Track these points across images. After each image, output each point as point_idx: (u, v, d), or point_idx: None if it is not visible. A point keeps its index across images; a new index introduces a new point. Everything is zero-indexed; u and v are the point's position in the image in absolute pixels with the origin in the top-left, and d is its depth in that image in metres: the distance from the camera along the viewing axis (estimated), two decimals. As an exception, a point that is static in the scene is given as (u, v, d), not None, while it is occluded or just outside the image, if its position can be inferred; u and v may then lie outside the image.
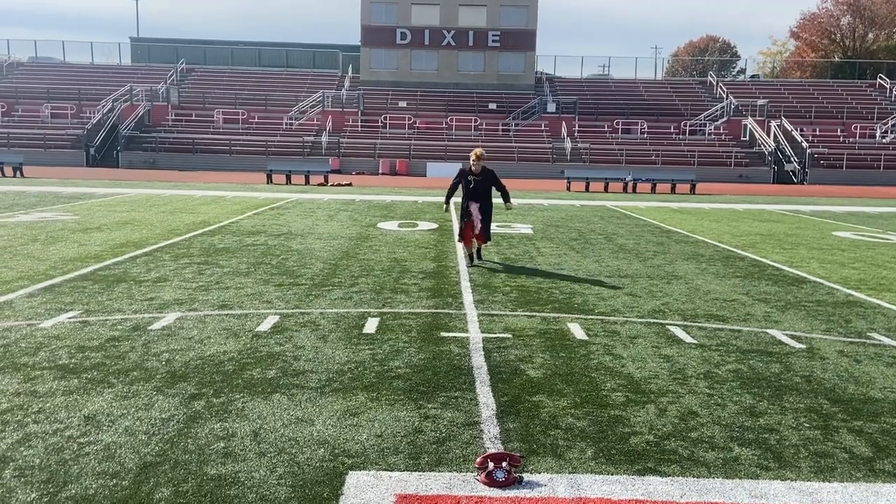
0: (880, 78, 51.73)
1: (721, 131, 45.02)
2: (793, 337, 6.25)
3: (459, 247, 10.20)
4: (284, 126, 44.21)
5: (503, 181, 9.86)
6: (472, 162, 9.49)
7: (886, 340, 6.22)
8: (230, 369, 5.00)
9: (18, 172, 29.88)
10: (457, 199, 9.79)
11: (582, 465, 3.63)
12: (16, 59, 52.34)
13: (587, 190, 29.34)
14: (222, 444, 3.76)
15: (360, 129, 44.71)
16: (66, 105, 44.36)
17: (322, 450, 3.72)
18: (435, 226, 14.39)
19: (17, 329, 5.93)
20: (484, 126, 44.84)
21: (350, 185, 29.69)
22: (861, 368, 5.38)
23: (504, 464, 3.45)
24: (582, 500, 3.28)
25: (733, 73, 73.48)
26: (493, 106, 47.61)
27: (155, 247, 10.63)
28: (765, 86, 52.78)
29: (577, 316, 6.86)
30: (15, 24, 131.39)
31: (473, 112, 46.87)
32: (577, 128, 45.01)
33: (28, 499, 3.17)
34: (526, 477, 3.48)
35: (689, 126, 45.15)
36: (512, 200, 10.19)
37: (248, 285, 7.95)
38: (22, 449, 3.66)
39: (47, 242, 10.77)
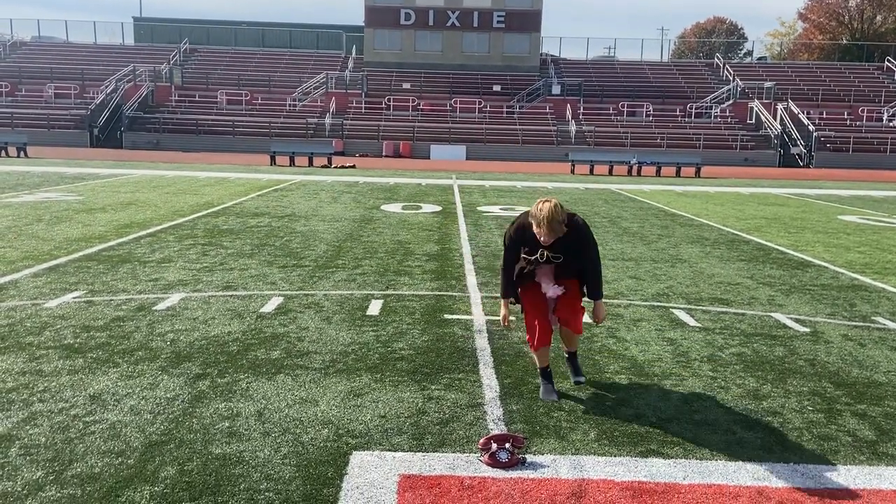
0: (888, 61, 51.28)
1: (727, 114, 44.76)
2: (797, 320, 6.24)
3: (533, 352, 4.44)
4: (288, 107, 44.06)
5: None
6: (539, 226, 4.01)
7: (891, 324, 6.21)
8: (234, 350, 5.02)
9: (22, 153, 29.89)
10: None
11: (585, 447, 3.64)
12: (19, 39, 52.18)
13: (591, 173, 29.25)
14: (227, 424, 3.78)
15: (363, 110, 44.55)
16: (70, 85, 44.25)
17: (326, 430, 3.74)
18: (438, 208, 14.36)
19: (22, 308, 5.95)
20: (488, 108, 44.64)
21: (354, 167, 29.63)
22: (865, 352, 5.38)
23: (507, 445, 3.46)
24: (584, 482, 3.29)
25: (740, 56, 72.94)
26: (497, 88, 47.38)
27: (159, 228, 10.64)
28: (772, 68, 52.40)
29: (580, 298, 6.85)
30: (18, 3, 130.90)
31: (478, 94, 46.63)
32: (581, 110, 44.79)
33: (34, 477, 3.19)
34: (529, 458, 3.49)
35: (695, 109, 44.89)
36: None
37: (252, 266, 7.96)
38: (27, 427, 3.68)
39: (52, 223, 10.79)
